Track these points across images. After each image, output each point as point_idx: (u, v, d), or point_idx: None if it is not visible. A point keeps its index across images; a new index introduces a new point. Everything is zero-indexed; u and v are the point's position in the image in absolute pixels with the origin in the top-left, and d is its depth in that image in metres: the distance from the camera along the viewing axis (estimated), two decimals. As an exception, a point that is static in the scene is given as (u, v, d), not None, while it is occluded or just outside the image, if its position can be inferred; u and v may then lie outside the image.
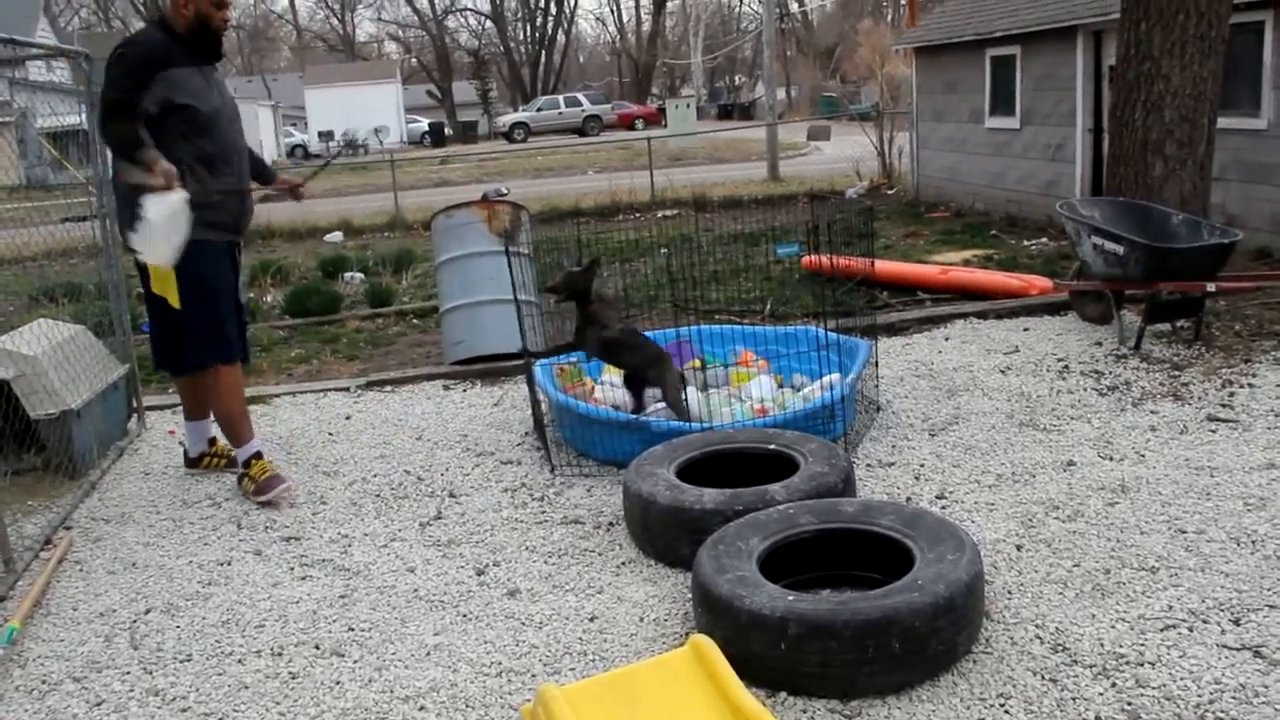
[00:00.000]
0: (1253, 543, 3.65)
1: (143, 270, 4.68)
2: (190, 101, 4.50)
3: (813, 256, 8.09)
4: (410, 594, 3.78)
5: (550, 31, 63.41)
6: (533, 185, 21.58)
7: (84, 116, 5.88)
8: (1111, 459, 4.53)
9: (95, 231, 6.04)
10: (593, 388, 5.54)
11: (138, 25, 58.20)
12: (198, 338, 4.73)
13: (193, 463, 5.25)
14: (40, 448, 5.21)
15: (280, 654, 3.43)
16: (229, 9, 4.77)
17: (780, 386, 5.46)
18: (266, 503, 4.72)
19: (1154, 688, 2.87)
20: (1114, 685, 2.90)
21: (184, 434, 5.36)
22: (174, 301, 4.63)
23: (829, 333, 5.27)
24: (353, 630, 3.55)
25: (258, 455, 4.89)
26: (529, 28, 64.18)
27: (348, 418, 6.04)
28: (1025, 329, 6.89)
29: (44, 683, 3.35)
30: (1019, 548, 3.75)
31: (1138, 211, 6.64)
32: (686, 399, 5.04)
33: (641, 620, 3.47)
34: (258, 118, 39.05)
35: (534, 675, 3.19)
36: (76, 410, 5.17)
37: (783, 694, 2.96)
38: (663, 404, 5.18)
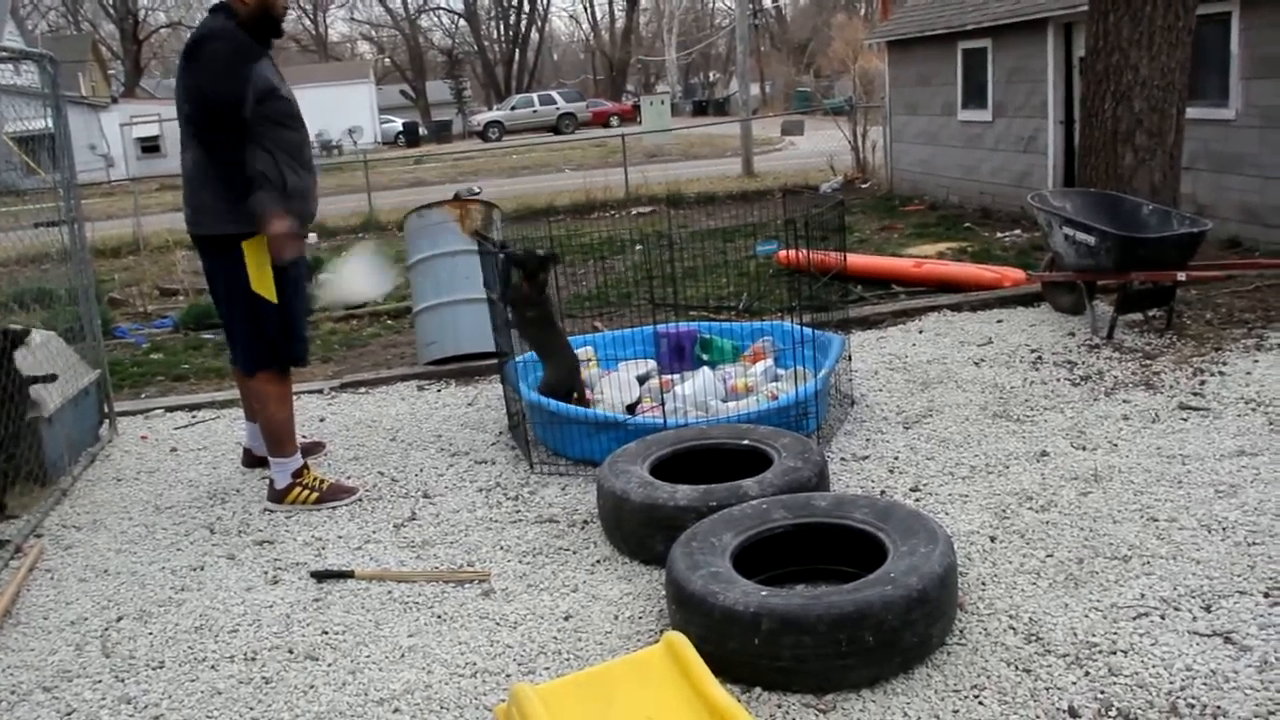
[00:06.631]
0: (1223, 530, 3.67)
1: (224, 273, 4.53)
2: (279, 86, 4.44)
3: (787, 251, 8.10)
4: (384, 596, 3.76)
5: (524, 29, 63.27)
6: (508, 184, 21.53)
7: (51, 120, 5.82)
8: (1084, 449, 4.56)
9: (65, 237, 5.99)
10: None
11: (107, 28, 57.62)
12: (286, 336, 4.63)
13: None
14: (9, 454, 5.15)
15: (253, 659, 3.41)
16: None
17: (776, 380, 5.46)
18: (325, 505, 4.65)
19: (1126, 675, 2.88)
20: (1087, 674, 2.91)
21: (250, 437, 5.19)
22: (272, 296, 4.51)
23: (803, 327, 5.27)
24: (326, 633, 3.53)
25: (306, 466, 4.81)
26: (503, 26, 64.02)
27: (321, 420, 6.01)
28: (999, 321, 6.92)
29: (13, 693, 3.32)
30: (993, 539, 3.77)
31: (1108, 202, 6.68)
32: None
33: (616, 618, 3.46)
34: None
35: (508, 675, 3.17)
36: (47, 416, 5.12)
37: (757, 689, 2.96)
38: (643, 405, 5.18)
